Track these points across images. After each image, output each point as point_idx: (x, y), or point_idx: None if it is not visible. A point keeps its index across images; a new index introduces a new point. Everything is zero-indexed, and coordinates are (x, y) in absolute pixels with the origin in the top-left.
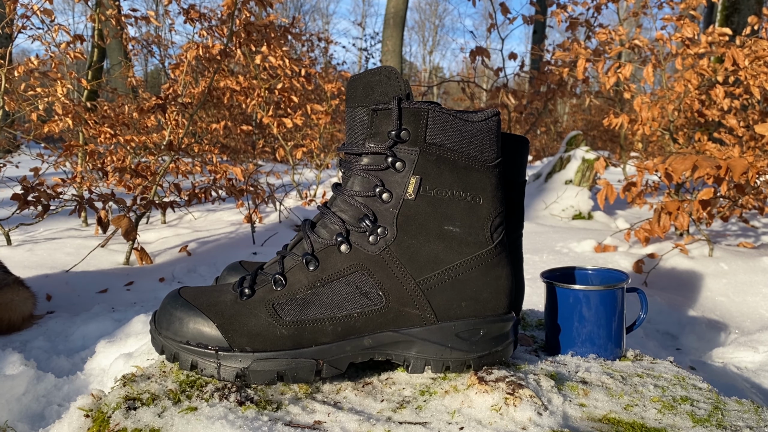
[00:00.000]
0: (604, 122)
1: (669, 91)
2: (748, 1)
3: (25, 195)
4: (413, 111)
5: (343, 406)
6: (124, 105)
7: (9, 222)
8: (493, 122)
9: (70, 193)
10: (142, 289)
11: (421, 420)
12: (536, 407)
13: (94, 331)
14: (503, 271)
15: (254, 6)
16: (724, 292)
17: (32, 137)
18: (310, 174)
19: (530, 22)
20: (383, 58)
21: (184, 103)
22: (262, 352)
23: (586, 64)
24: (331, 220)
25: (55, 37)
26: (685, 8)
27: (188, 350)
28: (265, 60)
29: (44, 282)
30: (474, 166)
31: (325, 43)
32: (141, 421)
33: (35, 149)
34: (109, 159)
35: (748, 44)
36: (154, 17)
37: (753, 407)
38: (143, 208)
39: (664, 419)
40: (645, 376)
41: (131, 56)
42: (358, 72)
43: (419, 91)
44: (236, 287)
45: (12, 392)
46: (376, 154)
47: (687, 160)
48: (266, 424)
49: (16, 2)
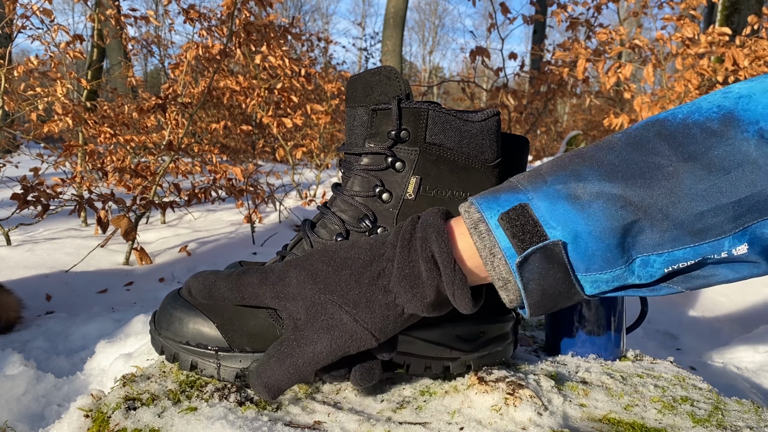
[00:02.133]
0: (604, 122)
1: (669, 91)
2: (748, 1)
3: (24, 195)
4: (413, 111)
5: (343, 406)
6: (124, 105)
7: (9, 222)
8: (493, 122)
9: (70, 193)
10: (142, 289)
11: (421, 420)
12: (536, 407)
13: (94, 331)
14: None
15: (254, 6)
16: (724, 292)
17: (32, 137)
18: (310, 174)
19: (530, 22)
20: (383, 58)
21: (184, 103)
22: (262, 352)
23: (586, 64)
24: (330, 220)
25: (54, 37)
26: (685, 8)
27: (188, 350)
28: (264, 60)
29: (44, 282)
30: (474, 166)
31: (324, 43)
32: (141, 421)
33: (35, 149)
34: (109, 159)
35: (748, 44)
36: (153, 17)
37: (753, 407)
38: (143, 208)
39: (664, 419)
40: (645, 376)
41: (131, 56)
42: (358, 72)
43: (419, 91)
44: None
45: (12, 392)
46: (375, 154)
47: None
48: (266, 424)
49: (16, 2)
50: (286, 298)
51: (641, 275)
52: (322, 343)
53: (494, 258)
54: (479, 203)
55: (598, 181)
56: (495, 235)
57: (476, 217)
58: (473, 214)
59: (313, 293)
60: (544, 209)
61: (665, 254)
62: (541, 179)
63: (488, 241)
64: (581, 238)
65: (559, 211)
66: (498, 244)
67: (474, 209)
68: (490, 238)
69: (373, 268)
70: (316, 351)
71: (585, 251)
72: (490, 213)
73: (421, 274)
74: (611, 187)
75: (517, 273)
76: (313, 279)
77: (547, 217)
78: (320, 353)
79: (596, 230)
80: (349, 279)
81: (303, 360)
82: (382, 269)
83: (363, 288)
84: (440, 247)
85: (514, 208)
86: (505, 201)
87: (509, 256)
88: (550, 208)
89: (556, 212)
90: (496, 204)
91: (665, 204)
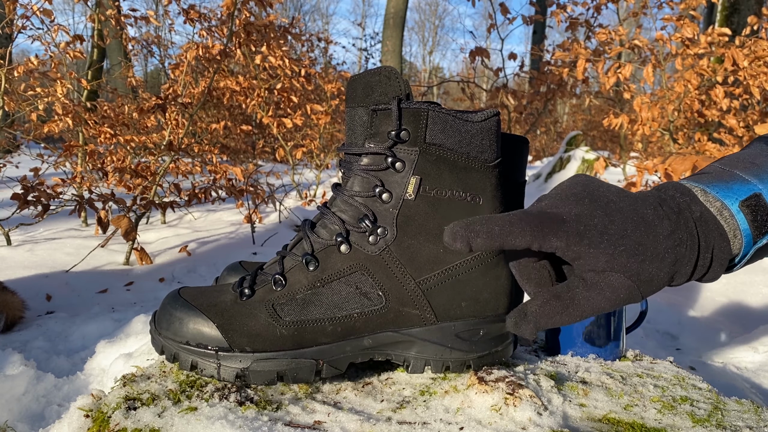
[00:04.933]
0: (604, 122)
1: (669, 91)
2: (748, 1)
3: (25, 195)
4: (413, 111)
5: (343, 406)
6: (124, 105)
7: (9, 222)
8: (493, 122)
9: (70, 193)
10: (142, 289)
11: (421, 420)
12: (536, 407)
13: (94, 331)
14: (503, 271)
15: (254, 6)
16: (724, 292)
17: (32, 137)
18: (310, 174)
19: (530, 23)
20: (383, 58)
21: (184, 103)
22: (262, 352)
23: (586, 65)
24: (330, 221)
25: (54, 37)
26: (685, 8)
27: (188, 350)
28: (264, 60)
29: (44, 282)
30: (474, 166)
31: (324, 44)
32: (141, 421)
33: (35, 149)
34: (109, 159)
35: (747, 44)
36: (153, 17)
37: (753, 407)
38: (143, 208)
39: (664, 419)
40: (645, 376)
41: (131, 56)
42: (358, 72)
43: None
44: (236, 287)
45: (12, 392)
46: (375, 155)
47: (687, 161)
48: (266, 424)
49: (16, 2)
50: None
51: None
52: (609, 293)
53: (735, 239)
54: (715, 192)
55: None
56: (737, 219)
57: (718, 205)
58: (714, 202)
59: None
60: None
61: None
62: (763, 172)
63: (732, 225)
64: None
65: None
66: (740, 227)
67: (712, 197)
68: (733, 221)
69: (674, 237)
70: (599, 304)
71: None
72: (730, 201)
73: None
74: None
75: (752, 253)
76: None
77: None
78: (602, 306)
79: None
80: (652, 244)
81: (585, 309)
82: (679, 240)
83: (655, 252)
84: (720, 240)
85: (751, 197)
86: (739, 190)
87: (746, 236)
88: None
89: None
90: (732, 192)
91: None
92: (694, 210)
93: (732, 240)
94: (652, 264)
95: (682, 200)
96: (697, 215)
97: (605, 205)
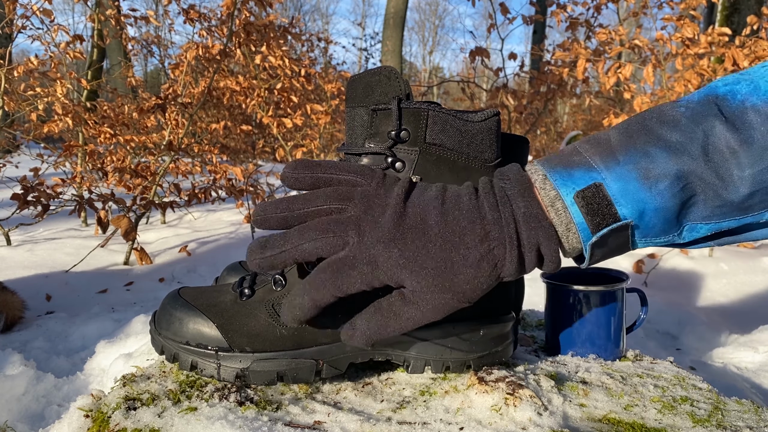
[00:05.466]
0: (604, 122)
1: (669, 91)
2: (748, 1)
3: (24, 195)
4: (413, 111)
5: (343, 406)
6: (124, 105)
7: (9, 222)
8: (493, 122)
9: (70, 193)
10: (142, 289)
11: (421, 420)
12: (536, 407)
13: (94, 331)
14: None
15: (254, 6)
16: (724, 292)
17: (32, 137)
18: None
19: (530, 23)
20: (383, 58)
21: (184, 103)
22: (262, 352)
23: (586, 64)
24: None
25: (54, 37)
26: (685, 8)
27: (188, 350)
28: (264, 60)
29: (44, 282)
30: (474, 166)
31: (324, 43)
32: (141, 421)
33: (35, 149)
34: (109, 159)
35: (748, 44)
36: (153, 17)
37: (753, 407)
38: (143, 208)
39: (664, 419)
40: (645, 376)
41: (131, 56)
42: (358, 72)
43: (419, 91)
44: (236, 287)
45: (12, 392)
46: (375, 155)
47: None
48: (266, 424)
49: (16, 2)
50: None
51: (685, 237)
52: (426, 307)
53: (569, 233)
54: (554, 179)
55: (665, 162)
56: (571, 212)
57: (553, 195)
58: (549, 191)
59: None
60: (616, 189)
61: (712, 224)
62: (612, 158)
63: (564, 218)
64: (646, 214)
65: (630, 191)
66: (573, 220)
67: (549, 186)
68: (566, 214)
69: (488, 240)
70: (416, 316)
71: (647, 225)
72: (566, 190)
73: (525, 236)
74: (676, 167)
75: (589, 248)
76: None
77: (618, 196)
78: (419, 318)
79: (660, 207)
80: (447, 252)
81: (404, 321)
82: (497, 241)
83: (465, 263)
84: (547, 235)
85: (589, 187)
86: (580, 179)
87: (582, 230)
88: (623, 188)
89: (628, 192)
90: (571, 181)
91: (720, 185)
92: (518, 206)
93: (565, 234)
94: (466, 274)
95: (511, 192)
96: (521, 212)
97: (420, 235)
